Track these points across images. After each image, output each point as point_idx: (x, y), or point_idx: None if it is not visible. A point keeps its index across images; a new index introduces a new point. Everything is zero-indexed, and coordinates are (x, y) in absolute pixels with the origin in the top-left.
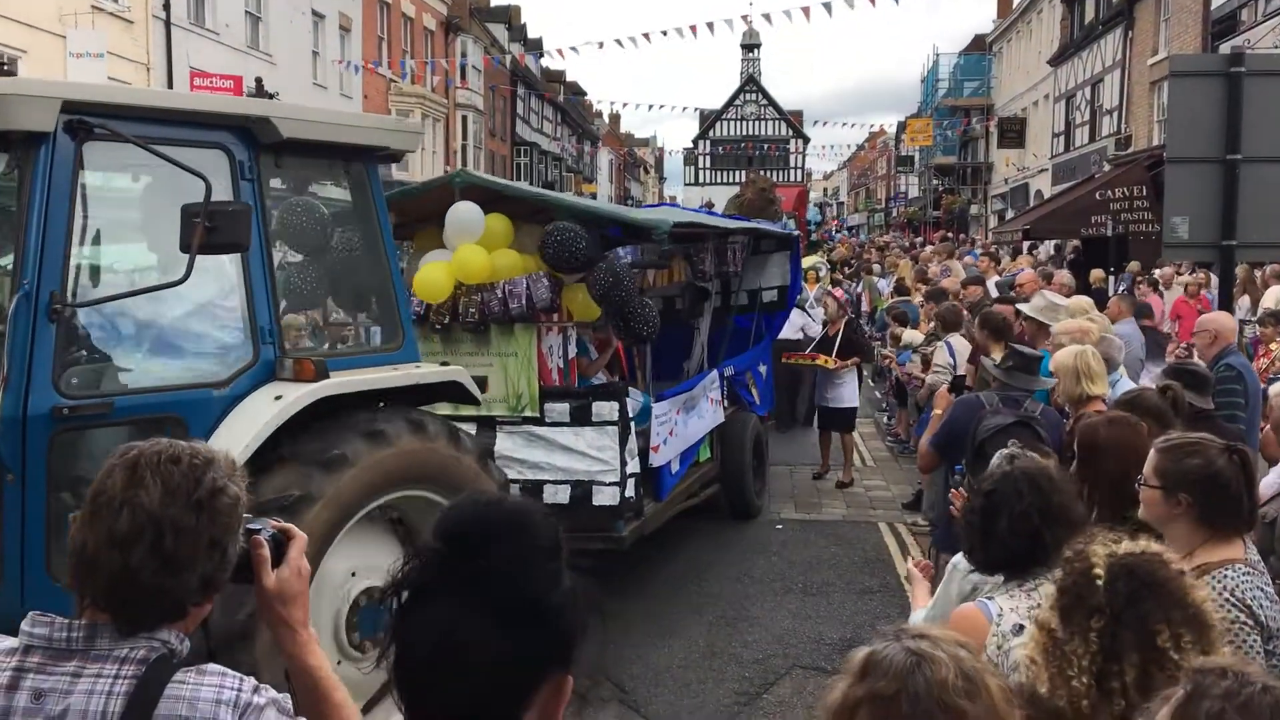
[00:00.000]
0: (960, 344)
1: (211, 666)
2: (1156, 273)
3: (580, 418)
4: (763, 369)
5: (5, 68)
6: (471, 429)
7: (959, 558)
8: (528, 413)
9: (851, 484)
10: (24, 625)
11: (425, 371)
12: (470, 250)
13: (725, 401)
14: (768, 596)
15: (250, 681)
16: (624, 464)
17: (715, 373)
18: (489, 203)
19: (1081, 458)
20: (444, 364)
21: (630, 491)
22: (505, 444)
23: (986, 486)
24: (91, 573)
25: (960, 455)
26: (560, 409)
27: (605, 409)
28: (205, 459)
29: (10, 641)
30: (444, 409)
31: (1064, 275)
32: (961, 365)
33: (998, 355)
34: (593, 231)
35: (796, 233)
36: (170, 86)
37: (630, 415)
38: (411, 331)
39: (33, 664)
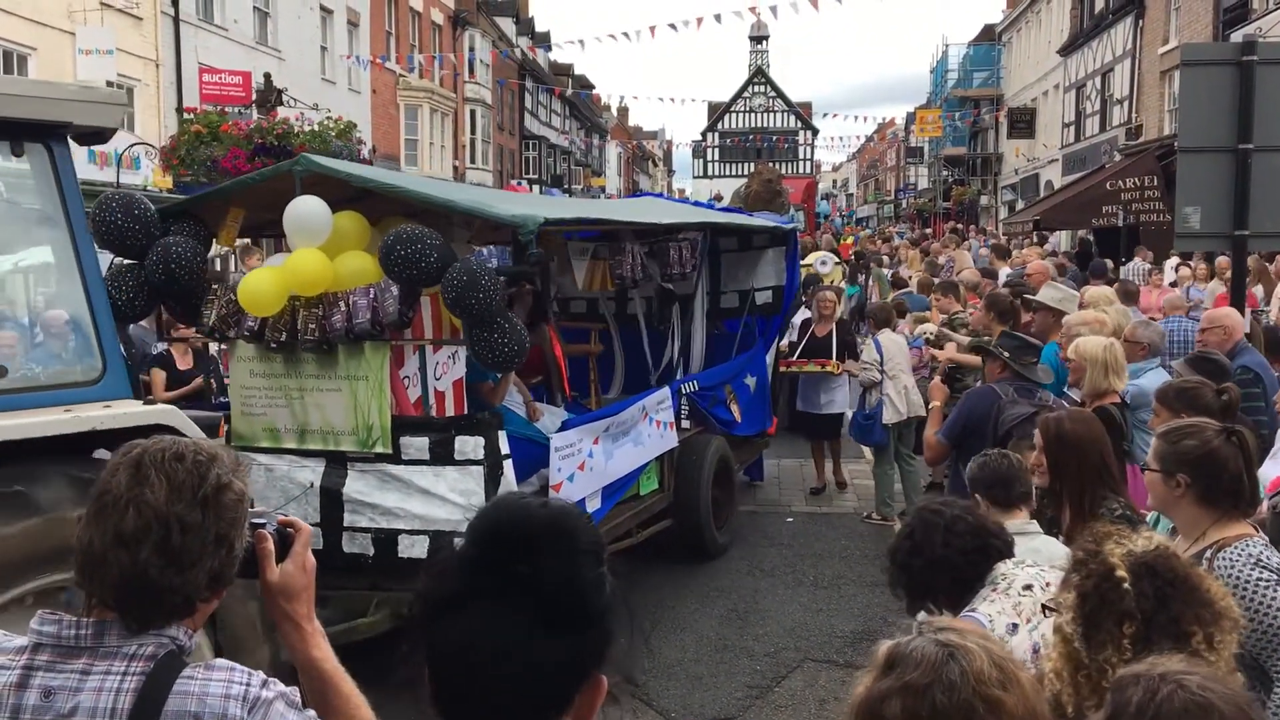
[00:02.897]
0: (889, 340)
1: (220, 662)
2: (1182, 267)
3: (441, 455)
4: (751, 381)
5: None
6: (320, 466)
7: None
8: (380, 448)
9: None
10: (32, 624)
11: (106, 414)
12: (305, 255)
13: (688, 422)
14: (778, 589)
15: (259, 676)
16: None
17: (666, 390)
18: (354, 199)
19: (1049, 455)
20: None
21: None
22: (357, 485)
23: (905, 531)
24: (99, 571)
25: (978, 446)
26: (419, 444)
27: (469, 445)
28: (209, 455)
29: (19, 640)
30: (290, 442)
31: (1046, 264)
32: (889, 361)
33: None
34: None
35: (790, 225)
36: (179, 82)
37: (504, 452)
38: (118, 359)
39: (42, 662)
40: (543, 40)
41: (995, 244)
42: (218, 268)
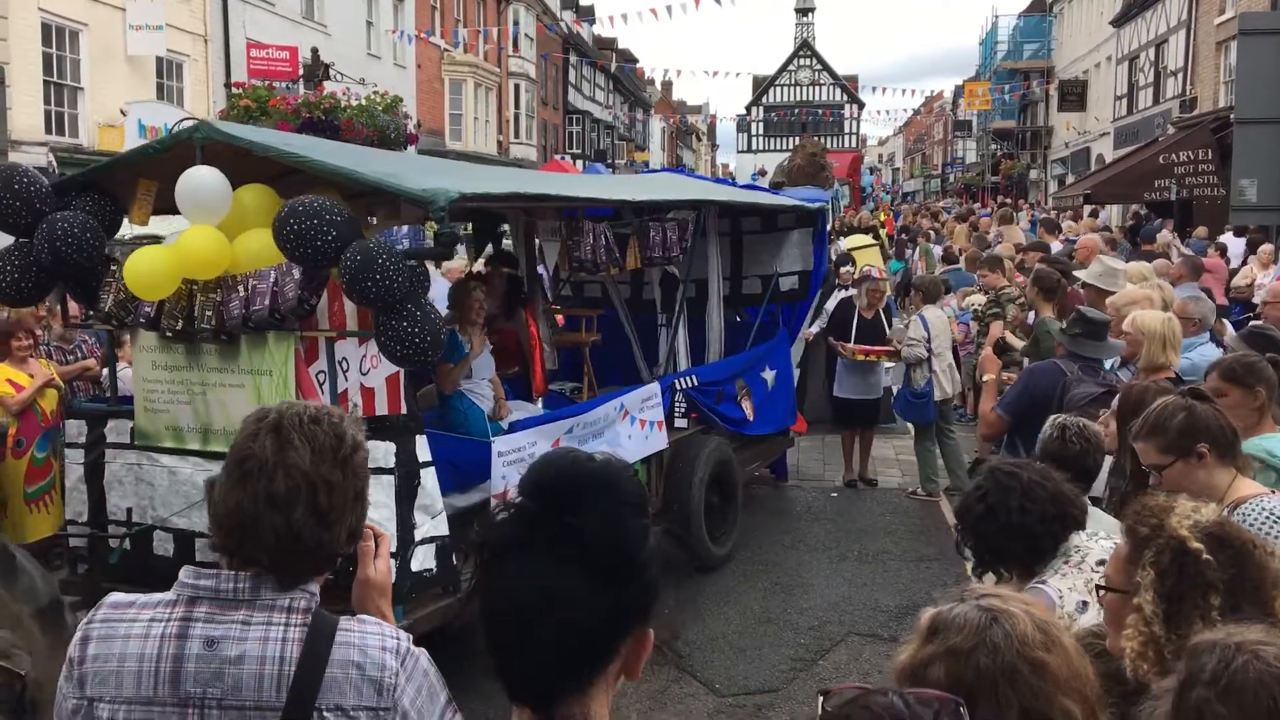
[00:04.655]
0: (934, 316)
1: (366, 617)
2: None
3: None
4: (769, 374)
5: None
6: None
7: None
8: None
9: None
10: (185, 578)
11: None
12: (198, 235)
13: (685, 420)
14: (823, 564)
15: (402, 632)
16: (410, 526)
17: (655, 386)
18: (284, 174)
19: (1121, 423)
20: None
21: (425, 562)
22: None
23: (977, 493)
24: (252, 533)
25: (1040, 424)
26: None
27: (379, 451)
28: (339, 416)
29: (162, 595)
30: (193, 443)
31: (1095, 239)
32: (935, 338)
33: (1046, 314)
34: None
35: (818, 204)
36: (227, 57)
37: (422, 459)
38: None
39: (201, 614)
40: (587, 14)
41: (1045, 218)
42: None
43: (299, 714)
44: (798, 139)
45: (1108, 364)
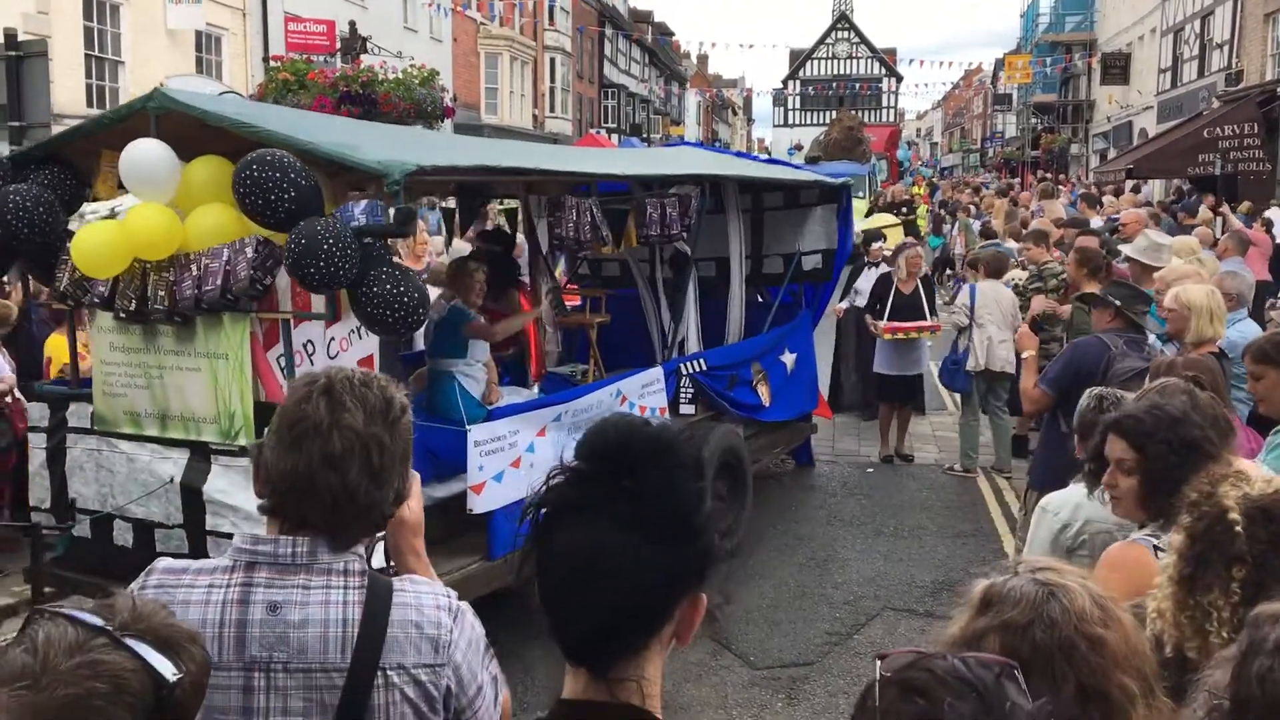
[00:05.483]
0: (986, 288)
1: (416, 577)
2: None
3: None
4: (788, 358)
5: None
6: (182, 458)
7: (1047, 499)
8: (243, 440)
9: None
10: (241, 544)
11: None
12: (146, 213)
13: (692, 406)
14: (858, 539)
15: (450, 589)
16: None
17: (657, 371)
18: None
19: None
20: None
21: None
22: (219, 483)
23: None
24: (309, 494)
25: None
26: None
27: None
28: (386, 380)
29: (216, 561)
30: (151, 429)
31: (1140, 213)
32: (980, 309)
33: (1088, 290)
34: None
35: (843, 180)
36: (265, 31)
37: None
38: None
39: (261, 579)
40: None
41: (1085, 193)
42: None
43: (364, 674)
44: (835, 113)
45: (1152, 339)
